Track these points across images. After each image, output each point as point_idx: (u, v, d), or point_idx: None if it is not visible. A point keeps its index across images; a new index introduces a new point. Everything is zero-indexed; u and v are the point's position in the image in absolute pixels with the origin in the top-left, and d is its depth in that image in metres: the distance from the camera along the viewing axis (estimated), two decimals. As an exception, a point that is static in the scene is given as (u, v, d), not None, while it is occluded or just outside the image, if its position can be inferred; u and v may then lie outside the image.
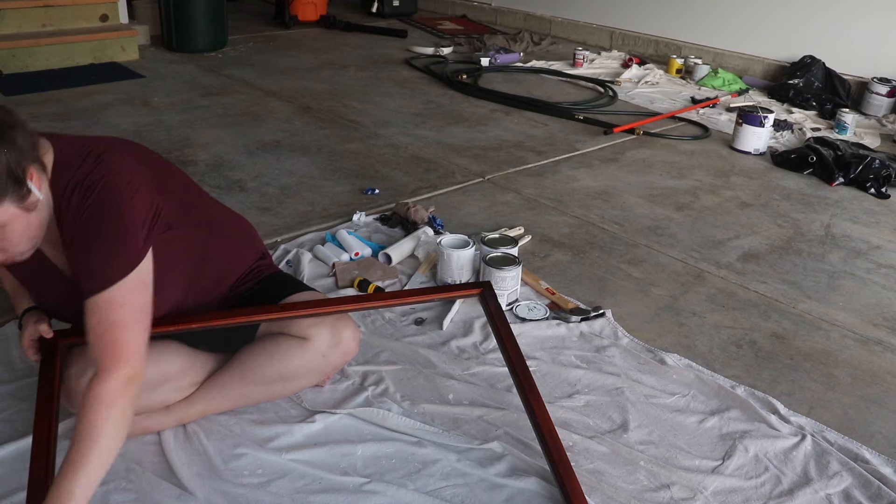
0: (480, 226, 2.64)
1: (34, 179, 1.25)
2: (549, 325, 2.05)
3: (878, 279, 2.45)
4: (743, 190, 3.15)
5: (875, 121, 4.17)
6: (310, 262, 2.30)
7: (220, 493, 1.44)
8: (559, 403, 1.75)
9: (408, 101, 4.15)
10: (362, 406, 1.69)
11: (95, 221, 1.29)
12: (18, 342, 1.83)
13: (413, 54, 5.22)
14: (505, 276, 2.11)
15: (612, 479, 1.53)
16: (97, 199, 1.29)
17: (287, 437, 1.59)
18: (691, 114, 4.15)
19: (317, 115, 3.81)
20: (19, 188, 1.21)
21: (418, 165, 3.21)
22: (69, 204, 1.30)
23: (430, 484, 1.49)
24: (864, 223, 2.88)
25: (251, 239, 1.73)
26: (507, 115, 3.99)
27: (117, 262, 1.29)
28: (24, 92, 3.88)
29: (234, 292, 1.64)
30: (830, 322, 2.18)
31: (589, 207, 2.87)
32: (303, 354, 1.55)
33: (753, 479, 1.56)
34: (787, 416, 1.74)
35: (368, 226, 2.60)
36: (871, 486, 1.54)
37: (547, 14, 6.17)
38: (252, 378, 1.58)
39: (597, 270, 2.40)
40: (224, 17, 5.07)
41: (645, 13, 5.47)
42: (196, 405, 1.58)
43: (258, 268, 1.69)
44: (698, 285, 2.35)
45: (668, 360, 1.92)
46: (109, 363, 1.27)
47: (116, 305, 1.29)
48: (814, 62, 4.47)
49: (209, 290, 1.58)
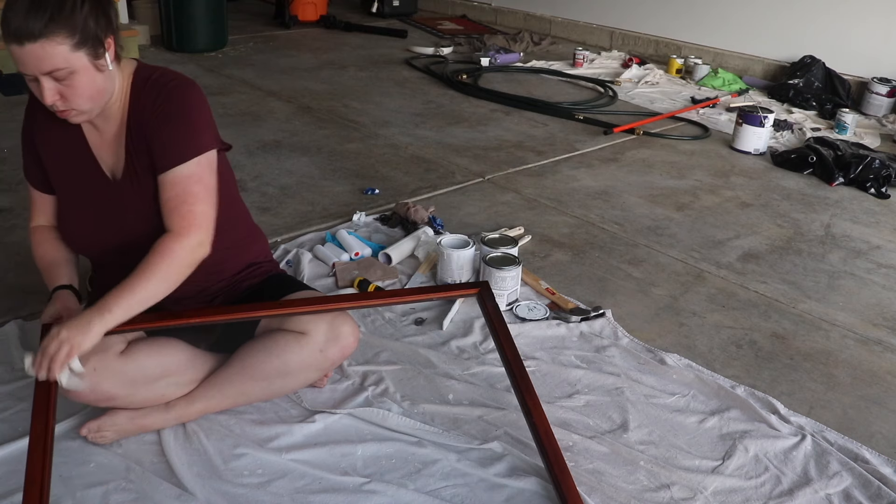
0: (480, 226, 2.64)
1: (110, 49, 1.37)
2: (549, 325, 2.05)
3: (878, 279, 2.45)
4: (743, 190, 3.15)
5: (875, 121, 4.17)
6: (310, 262, 2.30)
7: (220, 493, 1.43)
8: (559, 403, 1.75)
9: (408, 101, 4.15)
10: (362, 406, 1.69)
11: (175, 105, 1.43)
12: (18, 339, 1.84)
13: (413, 54, 5.22)
14: (505, 276, 2.11)
15: (612, 479, 1.53)
16: (176, 91, 1.44)
17: (287, 437, 1.59)
18: (691, 114, 4.15)
19: (317, 115, 3.81)
20: (96, 46, 1.33)
21: (418, 165, 3.21)
22: (145, 91, 1.43)
23: (430, 484, 1.49)
24: (864, 223, 2.88)
25: (259, 238, 1.77)
26: (507, 115, 3.99)
27: (194, 142, 1.44)
28: (23, 92, 3.87)
29: (237, 287, 1.66)
30: (830, 322, 2.18)
31: (589, 207, 2.87)
32: (301, 349, 1.56)
33: (753, 479, 1.56)
34: (787, 416, 1.74)
35: (368, 226, 2.60)
36: (871, 486, 1.54)
37: (547, 14, 6.17)
38: (251, 374, 1.58)
39: (597, 270, 2.40)
40: (224, 17, 5.07)
41: (645, 13, 5.48)
42: (196, 403, 1.58)
43: (262, 266, 1.71)
44: (698, 285, 2.35)
45: (668, 360, 1.92)
46: (184, 229, 1.42)
47: (194, 179, 1.43)
48: (814, 62, 4.47)
49: (211, 271, 1.57)
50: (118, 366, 1.46)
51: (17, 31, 1.25)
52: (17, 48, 1.26)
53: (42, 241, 1.59)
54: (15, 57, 1.28)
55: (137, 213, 1.49)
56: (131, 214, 1.50)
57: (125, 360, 1.47)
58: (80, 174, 1.51)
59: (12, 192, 2.70)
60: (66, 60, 1.29)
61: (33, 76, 1.31)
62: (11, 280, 2.15)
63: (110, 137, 1.49)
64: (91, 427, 1.51)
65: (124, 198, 1.49)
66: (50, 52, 1.27)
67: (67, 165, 1.51)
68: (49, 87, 1.31)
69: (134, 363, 1.48)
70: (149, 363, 1.50)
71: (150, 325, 1.52)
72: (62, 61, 1.29)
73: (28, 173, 1.57)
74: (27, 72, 1.30)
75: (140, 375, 1.49)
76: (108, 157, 1.50)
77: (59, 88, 1.32)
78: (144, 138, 1.44)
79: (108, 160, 1.50)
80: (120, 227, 1.50)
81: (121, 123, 1.47)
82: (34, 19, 1.24)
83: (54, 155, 1.51)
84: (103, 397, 1.46)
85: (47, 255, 1.57)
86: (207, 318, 1.52)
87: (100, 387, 1.44)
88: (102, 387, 1.44)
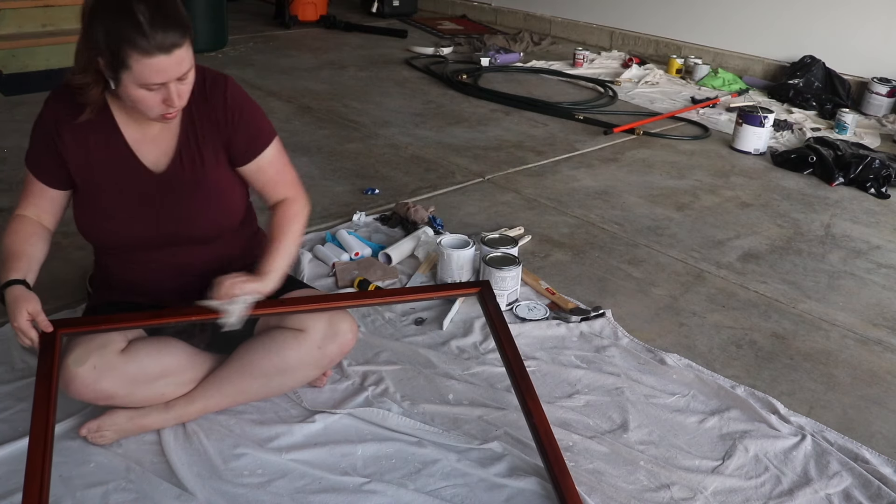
0: (480, 226, 2.64)
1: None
2: (549, 325, 2.05)
3: (878, 279, 2.45)
4: (743, 190, 3.15)
5: (875, 121, 4.17)
6: (310, 262, 2.30)
7: (220, 493, 1.43)
8: (559, 403, 1.75)
9: (408, 101, 4.15)
10: (362, 406, 1.69)
11: (242, 98, 1.59)
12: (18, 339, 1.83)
13: (413, 54, 5.22)
14: (505, 276, 2.11)
15: (612, 479, 1.53)
16: (233, 86, 1.58)
17: (287, 437, 1.59)
18: (691, 114, 4.15)
19: (317, 115, 3.81)
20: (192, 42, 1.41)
21: (418, 165, 3.21)
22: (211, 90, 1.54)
23: (430, 484, 1.49)
24: (864, 223, 2.88)
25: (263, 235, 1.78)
26: (507, 115, 3.99)
27: (268, 125, 1.63)
28: (23, 92, 3.87)
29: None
30: (830, 322, 2.18)
31: (589, 207, 2.87)
32: (299, 346, 1.56)
33: (753, 479, 1.56)
34: (787, 416, 1.74)
35: (368, 226, 2.60)
36: (871, 486, 1.54)
37: (547, 14, 6.17)
38: (250, 371, 1.58)
39: (597, 270, 2.40)
40: (224, 17, 5.07)
41: (645, 13, 5.47)
42: (195, 402, 1.58)
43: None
44: (698, 285, 2.35)
45: (668, 360, 1.92)
46: (296, 191, 1.67)
47: (280, 155, 1.65)
48: (814, 62, 4.47)
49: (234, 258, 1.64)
50: (119, 364, 1.46)
51: (164, 42, 1.32)
52: (165, 58, 1.34)
53: (19, 230, 1.51)
54: (157, 68, 1.34)
55: (180, 199, 1.54)
56: (174, 205, 1.54)
57: (126, 358, 1.47)
58: (119, 171, 1.52)
59: (12, 192, 2.69)
60: (190, 60, 1.40)
61: (163, 83, 1.37)
62: (11, 280, 2.14)
63: (156, 132, 1.53)
64: (91, 427, 1.51)
65: (170, 189, 1.54)
66: (185, 55, 1.37)
67: (104, 164, 1.51)
68: (175, 90, 1.39)
69: (134, 362, 1.48)
70: (149, 362, 1.50)
71: (149, 323, 1.52)
72: (189, 62, 1.39)
73: (37, 167, 1.53)
74: (165, 79, 1.36)
75: (140, 374, 1.49)
76: (149, 153, 1.53)
77: (179, 89, 1.41)
78: (220, 133, 1.55)
79: (150, 155, 1.53)
80: (161, 217, 1.54)
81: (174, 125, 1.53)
82: (173, 27, 1.33)
83: (88, 156, 1.51)
84: (103, 396, 1.46)
85: (17, 244, 1.49)
86: (207, 316, 1.52)
87: (99, 385, 1.44)
88: (102, 385, 1.44)
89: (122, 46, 1.31)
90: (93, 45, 1.35)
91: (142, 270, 1.60)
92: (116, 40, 1.31)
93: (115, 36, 1.31)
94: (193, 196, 1.55)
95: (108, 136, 1.51)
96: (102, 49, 1.34)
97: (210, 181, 1.57)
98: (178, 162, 1.54)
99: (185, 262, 1.61)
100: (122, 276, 1.62)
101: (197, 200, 1.56)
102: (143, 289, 1.62)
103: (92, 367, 1.42)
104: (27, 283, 1.44)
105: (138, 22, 1.30)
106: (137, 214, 1.53)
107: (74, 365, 1.43)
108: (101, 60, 1.36)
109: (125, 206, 1.53)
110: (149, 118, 1.46)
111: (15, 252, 1.48)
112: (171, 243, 1.58)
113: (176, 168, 1.54)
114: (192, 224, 1.57)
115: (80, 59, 1.40)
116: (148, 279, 1.61)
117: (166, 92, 1.39)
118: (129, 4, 1.31)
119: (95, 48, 1.35)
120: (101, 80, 1.41)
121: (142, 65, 1.33)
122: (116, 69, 1.35)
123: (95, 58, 1.36)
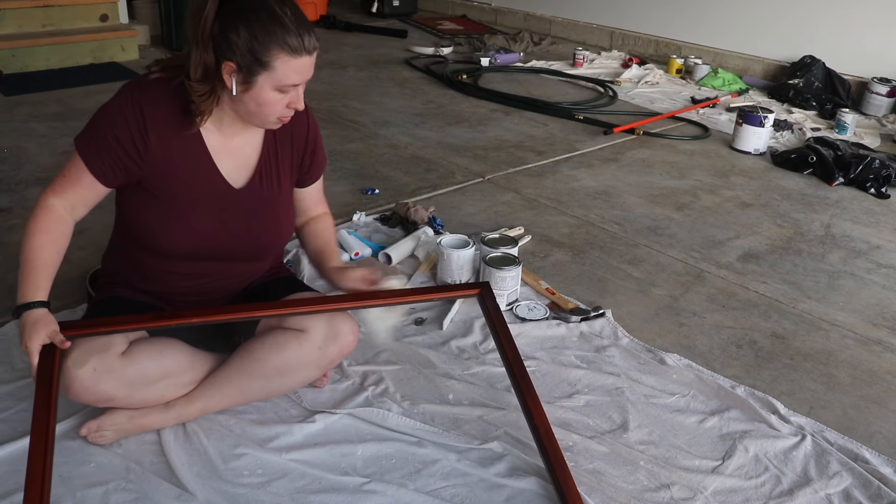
0: (480, 226, 2.64)
1: None
2: (549, 325, 2.05)
3: (878, 279, 2.45)
4: (743, 190, 3.15)
5: (875, 121, 4.17)
6: (310, 263, 2.30)
7: (220, 493, 1.43)
8: (559, 403, 1.75)
9: (408, 101, 4.15)
10: (362, 406, 1.69)
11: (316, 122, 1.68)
12: (18, 339, 1.83)
13: (413, 54, 5.22)
14: (505, 276, 2.11)
15: (612, 479, 1.53)
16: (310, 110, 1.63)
17: (287, 437, 1.59)
18: (691, 114, 4.15)
19: (317, 115, 3.76)
20: None
21: (418, 165, 3.21)
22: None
23: (430, 484, 1.49)
24: (864, 223, 2.88)
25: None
26: (507, 115, 3.99)
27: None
28: (23, 92, 3.87)
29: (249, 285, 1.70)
30: (830, 322, 2.18)
31: (589, 207, 2.87)
32: (299, 346, 1.56)
33: (753, 479, 1.56)
34: (787, 416, 1.74)
35: (368, 226, 2.60)
36: (871, 486, 1.54)
37: (547, 14, 6.17)
38: (250, 371, 1.58)
39: (597, 270, 2.40)
40: (224, 17, 5.06)
41: (645, 13, 5.48)
42: (195, 402, 1.58)
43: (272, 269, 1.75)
44: (698, 285, 2.35)
45: (668, 360, 1.92)
46: (326, 205, 1.79)
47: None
48: (814, 62, 4.47)
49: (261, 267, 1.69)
50: (118, 367, 1.45)
51: (308, 45, 1.37)
52: (308, 59, 1.39)
53: (51, 229, 1.45)
54: (299, 69, 1.38)
55: (253, 216, 1.56)
56: (248, 221, 1.55)
57: (126, 361, 1.47)
58: (198, 180, 1.50)
59: (12, 192, 2.69)
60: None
61: (296, 85, 1.41)
62: (12, 280, 2.13)
63: (238, 143, 1.53)
64: (91, 427, 1.51)
65: (247, 205, 1.54)
66: (316, 57, 1.42)
67: (184, 172, 1.48)
68: (301, 92, 1.44)
69: (134, 365, 1.47)
70: (149, 365, 1.50)
71: (150, 325, 1.52)
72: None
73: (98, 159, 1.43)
74: (301, 80, 1.40)
75: (140, 377, 1.48)
76: (227, 162, 1.53)
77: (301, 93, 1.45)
78: (296, 153, 1.61)
79: (227, 165, 1.53)
80: (231, 231, 1.54)
81: (255, 130, 1.54)
82: (311, 30, 1.39)
83: (169, 161, 1.47)
84: (102, 398, 1.46)
85: (46, 249, 1.45)
86: (207, 317, 1.52)
87: (99, 387, 1.43)
88: (102, 387, 1.44)
89: (270, 47, 1.33)
90: (224, 50, 1.34)
91: (182, 279, 1.58)
92: (264, 41, 1.33)
93: (262, 37, 1.33)
94: (266, 213, 1.57)
95: (192, 144, 1.48)
96: (241, 52, 1.33)
97: (283, 199, 1.61)
98: (258, 178, 1.55)
99: (235, 274, 1.63)
100: (157, 279, 1.58)
101: (269, 218, 1.58)
102: (171, 297, 1.61)
103: (91, 370, 1.41)
104: (48, 305, 1.42)
105: (286, 24, 1.34)
106: (208, 226, 1.52)
107: (74, 367, 1.42)
108: (233, 65, 1.35)
109: (198, 216, 1.51)
110: (260, 125, 1.48)
111: (42, 261, 1.43)
112: (231, 258, 1.59)
113: (255, 184, 1.55)
114: (258, 240, 1.59)
115: (199, 67, 1.37)
116: (180, 288, 1.59)
117: (295, 94, 1.42)
118: (273, 8, 1.33)
119: (228, 52, 1.34)
120: (220, 88, 1.40)
121: (287, 65, 1.35)
122: (253, 72, 1.35)
123: (223, 63, 1.35)
